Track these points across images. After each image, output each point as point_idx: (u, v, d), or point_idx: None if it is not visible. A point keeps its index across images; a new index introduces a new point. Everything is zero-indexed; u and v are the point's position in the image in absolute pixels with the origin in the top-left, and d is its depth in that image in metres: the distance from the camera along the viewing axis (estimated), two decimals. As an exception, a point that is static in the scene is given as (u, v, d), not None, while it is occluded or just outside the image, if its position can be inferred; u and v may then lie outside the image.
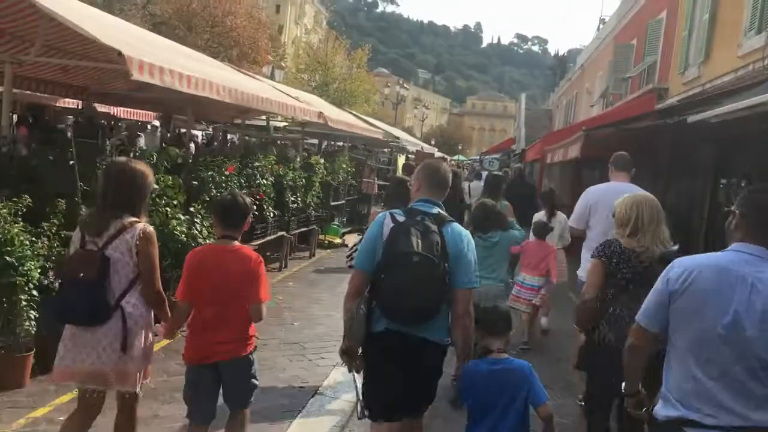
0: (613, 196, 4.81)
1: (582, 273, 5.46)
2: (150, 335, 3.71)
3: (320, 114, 10.93)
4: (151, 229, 3.67)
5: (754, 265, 2.61)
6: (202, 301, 3.71)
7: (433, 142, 58.67)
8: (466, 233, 3.59)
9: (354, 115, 18.76)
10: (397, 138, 20.74)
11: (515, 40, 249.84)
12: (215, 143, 17.90)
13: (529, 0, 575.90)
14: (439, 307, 3.37)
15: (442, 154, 41.63)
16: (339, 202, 14.65)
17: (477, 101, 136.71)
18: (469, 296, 3.49)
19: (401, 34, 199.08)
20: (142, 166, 3.73)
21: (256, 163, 9.22)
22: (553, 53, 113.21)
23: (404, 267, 3.28)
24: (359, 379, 3.76)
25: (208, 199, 7.46)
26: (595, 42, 26.64)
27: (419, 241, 3.33)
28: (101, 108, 13.94)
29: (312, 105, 11.11)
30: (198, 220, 6.87)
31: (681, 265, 2.74)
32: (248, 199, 3.96)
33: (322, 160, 12.85)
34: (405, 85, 52.61)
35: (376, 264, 3.42)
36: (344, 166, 14.53)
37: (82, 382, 3.59)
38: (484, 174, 14.02)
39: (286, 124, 17.09)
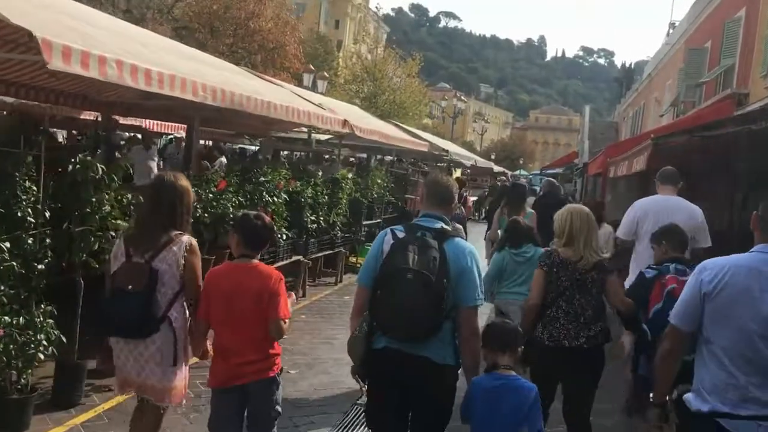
0: (660, 208, 5.11)
1: (627, 284, 5.41)
2: (189, 349, 3.80)
3: (345, 122, 9.68)
4: (195, 241, 3.79)
5: None
6: (222, 321, 3.64)
7: (493, 157, 57.13)
8: (470, 248, 3.47)
9: (398, 126, 17.51)
10: (446, 151, 19.37)
11: (580, 53, 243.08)
12: (259, 156, 17.47)
13: (595, 12, 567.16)
14: (438, 325, 3.26)
15: (501, 169, 40.22)
16: (374, 221, 13.30)
17: (540, 115, 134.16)
18: (474, 315, 3.43)
19: (463, 49, 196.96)
20: (186, 182, 3.84)
21: (262, 178, 7.95)
22: (619, 65, 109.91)
23: (398, 284, 3.23)
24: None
25: (192, 220, 6.30)
26: (664, 48, 25.01)
27: (415, 257, 3.26)
28: (130, 122, 13.12)
29: (336, 113, 9.81)
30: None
31: (713, 266, 2.85)
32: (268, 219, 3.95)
33: (350, 175, 11.57)
34: (463, 98, 51.20)
35: (373, 280, 3.38)
36: (379, 181, 13.20)
37: (139, 392, 3.74)
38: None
39: (330, 137, 15.98)
